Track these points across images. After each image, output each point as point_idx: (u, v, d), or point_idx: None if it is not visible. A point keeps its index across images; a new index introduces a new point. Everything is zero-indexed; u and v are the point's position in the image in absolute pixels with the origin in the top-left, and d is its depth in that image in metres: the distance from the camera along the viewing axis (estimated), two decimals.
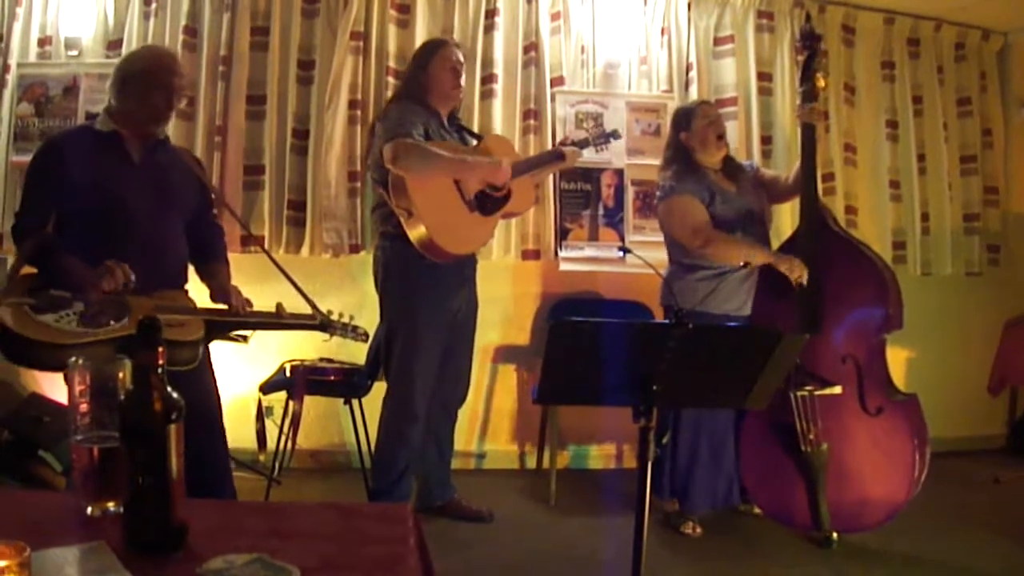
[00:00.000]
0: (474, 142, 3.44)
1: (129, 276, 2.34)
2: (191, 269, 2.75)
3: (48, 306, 2.26)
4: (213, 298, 2.67)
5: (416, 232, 3.09)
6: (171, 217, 2.61)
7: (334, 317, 2.91)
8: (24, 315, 2.22)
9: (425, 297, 3.21)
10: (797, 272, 3.17)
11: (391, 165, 3.06)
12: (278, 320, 2.70)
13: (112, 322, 2.32)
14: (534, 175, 3.51)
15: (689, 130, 3.46)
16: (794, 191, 3.43)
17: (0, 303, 2.24)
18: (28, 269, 2.40)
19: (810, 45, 3.34)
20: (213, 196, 2.89)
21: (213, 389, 2.66)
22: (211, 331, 2.55)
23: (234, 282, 2.74)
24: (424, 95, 3.26)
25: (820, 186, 3.96)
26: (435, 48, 3.34)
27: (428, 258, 3.13)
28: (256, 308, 2.71)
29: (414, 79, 3.31)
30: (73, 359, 1.25)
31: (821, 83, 3.31)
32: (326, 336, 2.91)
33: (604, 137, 3.69)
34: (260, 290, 2.79)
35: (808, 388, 3.15)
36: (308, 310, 2.80)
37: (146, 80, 2.52)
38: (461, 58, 3.35)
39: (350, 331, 2.95)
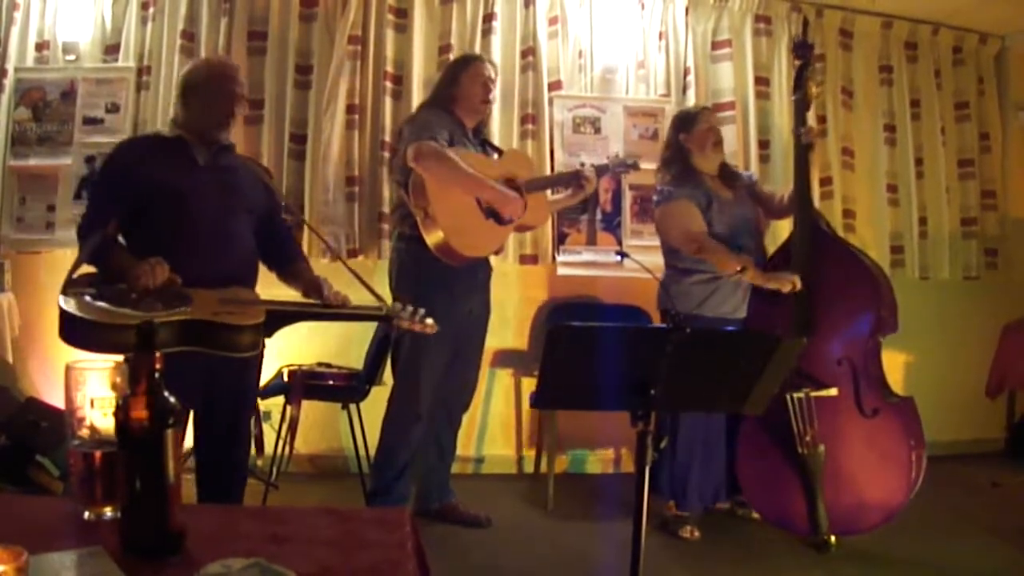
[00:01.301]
0: (495, 156, 3.49)
1: (169, 276, 2.33)
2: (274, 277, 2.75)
3: (108, 298, 2.28)
4: (306, 295, 2.65)
5: (432, 234, 3.15)
6: (236, 215, 2.61)
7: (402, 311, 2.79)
8: (83, 301, 2.26)
9: (437, 298, 3.20)
10: (788, 286, 3.20)
11: (413, 163, 3.14)
12: (345, 311, 2.67)
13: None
14: (555, 203, 3.65)
15: (690, 133, 3.48)
16: (789, 212, 3.44)
17: (63, 292, 2.27)
18: (86, 268, 2.42)
19: (803, 55, 3.41)
20: (285, 209, 2.87)
21: (255, 385, 2.69)
22: (277, 321, 2.50)
23: (270, 283, 2.73)
24: (452, 105, 3.35)
25: (817, 190, 3.96)
26: (467, 63, 3.45)
27: (443, 261, 3.17)
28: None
29: (444, 90, 3.40)
30: (69, 365, 1.24)
31: (814, 91, 3.37)
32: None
33: (623, 166, 3.77)
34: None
35: (804, 389, 3.16)
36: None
37: (208, 88, 2.58)
38: (492, 75, 3.46)
39: (417, 319, 2.62)
